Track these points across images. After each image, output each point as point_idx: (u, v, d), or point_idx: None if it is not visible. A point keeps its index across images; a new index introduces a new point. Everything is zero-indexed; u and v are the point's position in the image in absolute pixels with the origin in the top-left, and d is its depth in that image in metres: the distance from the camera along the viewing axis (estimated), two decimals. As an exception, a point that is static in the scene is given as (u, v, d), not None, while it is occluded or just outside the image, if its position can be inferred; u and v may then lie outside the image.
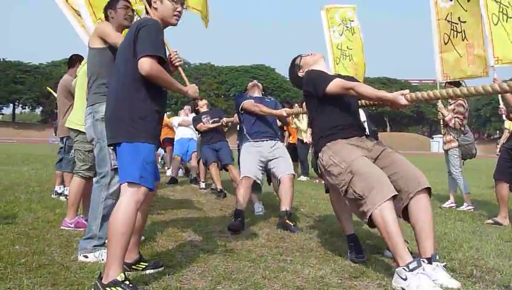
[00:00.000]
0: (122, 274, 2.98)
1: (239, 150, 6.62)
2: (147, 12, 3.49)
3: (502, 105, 6.85)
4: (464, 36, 7.34)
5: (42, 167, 12.67)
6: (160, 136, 13.99)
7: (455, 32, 7.39)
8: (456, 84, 7.24)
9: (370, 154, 3.89)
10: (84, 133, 4.90)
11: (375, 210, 3.45)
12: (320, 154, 4.08)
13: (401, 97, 3.56)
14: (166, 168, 13.56)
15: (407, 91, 3.61)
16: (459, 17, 7.35)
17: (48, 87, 10.65)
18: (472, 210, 7.37)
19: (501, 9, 6.72)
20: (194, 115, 10.83)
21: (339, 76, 4.32)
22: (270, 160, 5.99)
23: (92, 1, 5.58)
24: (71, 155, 6.21)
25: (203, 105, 9.67)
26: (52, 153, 19.97)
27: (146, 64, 3.09)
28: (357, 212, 3.73)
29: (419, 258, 3.34)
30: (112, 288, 2.93)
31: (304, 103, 4.73)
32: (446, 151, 7.80)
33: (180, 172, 12.57)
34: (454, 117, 7.51)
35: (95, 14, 5.56)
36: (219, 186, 8.46)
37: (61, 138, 6.83)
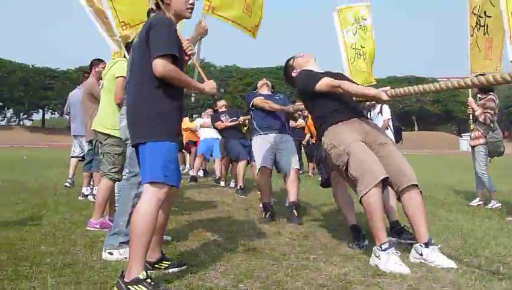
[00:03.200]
0: (144, 272, 3.00)
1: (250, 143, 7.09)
2: (159, 8, 3.44)
3: None
4: (485, 30, 7.23)
5: (70, 171, 12.82)
6: (184, 140, 14.24)
7: (478, 26, 7.29)
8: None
9: (367, 138, 4.18)
10: (113, 136, 5.00)
11: (364, 194, 3.84)
12: (323, 139, 4.36)
13: (382, 93, 3.95)
14: (189, 169, 13.69)
15: (388, 88, 4.03)
16: (485, 11, 7.23)
17: None
18: (499, 207, 7.24)
19: None
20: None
21: (328, 74, 4.54)
22: (278, 152, 6.34)
23: (115, 4, 5.64)
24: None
25: (221, 106, 10.31)
26: (80, 157, 20.20)
27: (159, 66, 3.10)
28: (356, 191, 4.03)
29: (391, 239, 3.91)
30: (133, 286, 2.95)
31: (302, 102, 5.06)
32: (473, 147, 7.66)
33: (201, 173, 12.72)
34: (485, 112, 7.37)
35: (118, 18, 5.62)
36: (241, 184, 8.92)
37: (90, 141, 6.90)
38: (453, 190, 9.69)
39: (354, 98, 4.54)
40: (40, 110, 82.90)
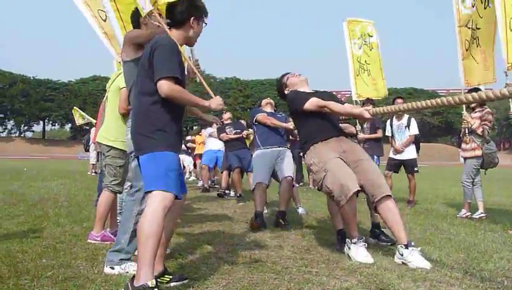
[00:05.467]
0: (154, 281, 3.05)
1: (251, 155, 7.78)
2: (170, 28, 3.52)
3: None
4: (478, 43, 7.27)
5: (71, 182, 12.84)
6: (195, 151, 14.59)
7: (473, 39, 7.32)
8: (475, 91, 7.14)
9: (344, 156, 4.73)
10: (116, 148, 5.01)
11: (350, 194, 4.39)
12: (305, 155, 5.01)
13: (365, 112, 4.61)
14: (198, 180, 14.10)
15: (370, 107, 4.73)
16: (476, 24, 7.28)
17: (75, 108, 10.80)
18: (484, 217, 7.40)
19: None
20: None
21: (316, 93, 5.17)
22: (276, 163, 6.96)
23: (122, 15, 5.65)
24: None
25: (227, 118, 10.73)
26: (81, 168, 20.22)
27: (164, 88, 3.20)
28: (334, 202, 4.67)
29: (362, 236, 4.58)
30: None
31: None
32: (465, 159, 7.69)
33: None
34: (483, 124, 7.39)
35: (125, 28, 5.63)
36: (239, 192, 9.62)
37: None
38: (454, 202, 9.66)
39: (340, 117, 5.26)
40: (41, 122, 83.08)
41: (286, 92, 5.42)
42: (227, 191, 10.67)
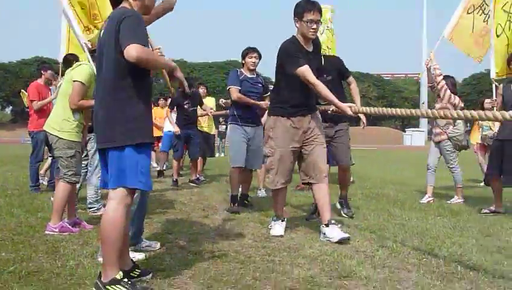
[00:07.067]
0: (121, 272, 3.09)
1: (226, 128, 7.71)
2: (117, 4, 3.29)
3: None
4: (487, 20, 7.34)
5: (18, 169, 12.41)
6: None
7: (484, 14, 7.38)
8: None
9: (303, 136, 5.06)
10: (63, 139, 4.93)
11: (278, 187, 5.15)
12: (269, 116, 5.31)
13: (348, 109, 4.75)
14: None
15: (354, 105, 4.94)
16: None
17: (22, 90, 10.29)
18: (461, 203, 7.59)
19: None
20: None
21: (312, 57, 5.04)
22: (249, 146, 6.91)
23: (78, 12, 5.52)
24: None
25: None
26: (25, 153, 19.65)
27: (133, 50, 2.92)
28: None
29: (283, 217, 5.26)
30: (112, 286, 3.03)
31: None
32: (437, 143, 7.79)
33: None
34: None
35: (82, 23, 5.52)
36: (176, 177, 9.81)
37: None
38: (403, 187, 9.91)
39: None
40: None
41: (295, 24, 5.01)
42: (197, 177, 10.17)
